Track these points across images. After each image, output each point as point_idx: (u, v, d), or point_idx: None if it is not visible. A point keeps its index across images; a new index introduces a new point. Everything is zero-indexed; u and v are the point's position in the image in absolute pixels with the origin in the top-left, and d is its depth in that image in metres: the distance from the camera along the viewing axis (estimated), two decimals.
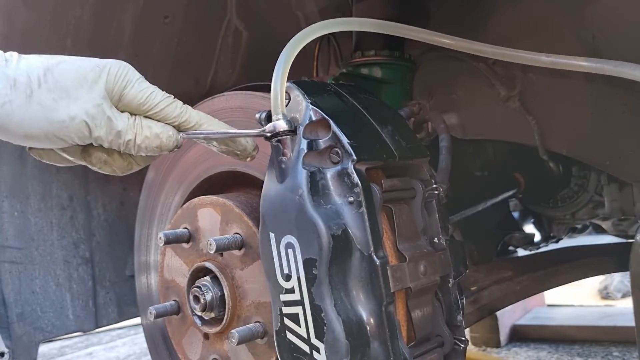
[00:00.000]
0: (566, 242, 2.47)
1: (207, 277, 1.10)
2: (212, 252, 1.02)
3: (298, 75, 1.56)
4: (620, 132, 1.38)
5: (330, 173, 0.87)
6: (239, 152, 0.94)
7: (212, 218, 1.12)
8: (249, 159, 0.96)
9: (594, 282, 4.23)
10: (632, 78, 0.88)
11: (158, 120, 0.86)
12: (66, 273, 1.75)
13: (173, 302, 1.19)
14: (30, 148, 0.87)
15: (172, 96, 0.89)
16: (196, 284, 1.10)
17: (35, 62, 0.81)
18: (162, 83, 1.82)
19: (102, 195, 1.84)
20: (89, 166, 0.90)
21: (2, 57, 0.81)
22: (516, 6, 1.44)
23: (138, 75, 0.86)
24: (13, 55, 0.81)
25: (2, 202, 1.61)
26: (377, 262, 0.84)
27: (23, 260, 1.66)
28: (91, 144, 0.85)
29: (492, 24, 1.49)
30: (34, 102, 0.79)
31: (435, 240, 0.98)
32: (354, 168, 0.86)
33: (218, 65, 1.90)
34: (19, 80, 0.79)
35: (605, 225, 2.40)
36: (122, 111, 0.84)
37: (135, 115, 0.85)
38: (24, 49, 1.54)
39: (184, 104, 0.90)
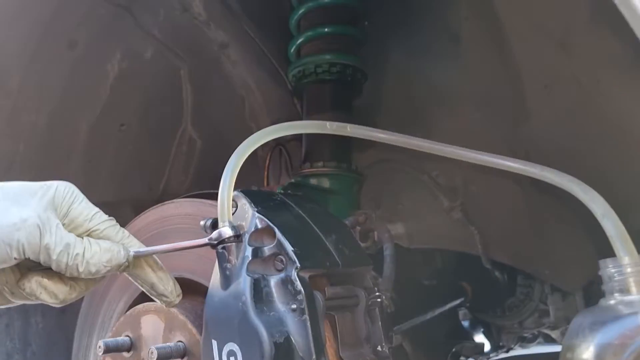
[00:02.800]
0: (516, 352, 2.47)
1: None
2: None
3: (250, 184, 1.60)
4: (556, 242, 1.44)
5: (274, 280, 0.88)
6: (163, 298, 0.92)
7: (155, 325, 1.10)
8: (172, 303, 0.93)
9: None
10: (555, 184, 0.94)
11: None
12: None
13: None
14: None
15: (114, 219, 0.89)
16: None
17: None
18: (115, 188, 1.85)
19: (41, 303, 1.78)
20: (25, 300, 0.86)
21: None
22: (455, 116, 1.54)
23: (83, 195, 0.87)
24: None
25: None
26: None
27: None
28: (28, 269, 0.83)
29: (434, 137, 1.59)
30: None
31: (379, 348, 0.99)
32: (297, 275, 0.87)
33: (171, 172, 1.93)
34: None
35: (554, 334, 2.42)
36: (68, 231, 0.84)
37: (81, 236, 0.85)
38: None
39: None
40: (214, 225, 0.92)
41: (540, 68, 1.35)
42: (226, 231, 0.89)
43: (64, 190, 0.85)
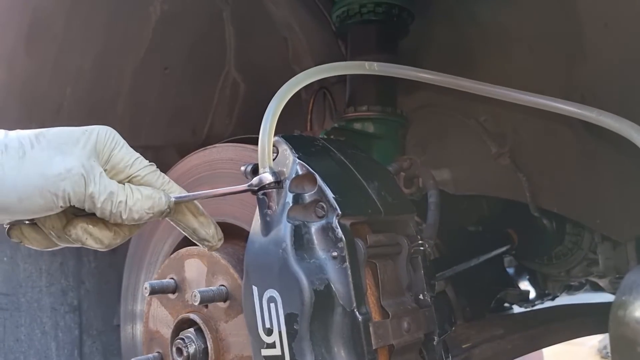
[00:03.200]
0: (563, 300, 2.44)
1: (191, 329, 1.09)
2: (196, 303, 1.01)
3: (293, 128, 1.59)
4: (609, 190, 1.39)
5: (314, 227, 0.87)
6: (205, 243, 0.93)
7: (198, 269, 1.12)
8: (214, 247, 0.95)
9: (593, 341, 4.17)
10: (612, 129, 0.89)
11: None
12: (53, 321, 1.73)
13: (156, 354, 1.17)
14: (10, 229, 0.86)
15: (155, 165, 0.90)
16: (180, 336, 1.09)
17: (25, 132, 0.82)
18: (160, 132, 1.87)
19: None
20: (70, 244, 0.88)
21: None
22: (506, 58, 1.47)
23: (123, 141, 0.88)
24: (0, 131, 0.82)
25: None
26: (360, 318, 0.83)
27: (9, 307, 1.64)
28: (74, 214, 0.85)
29: (484, 80, 1.53)
30: (28, 161, 0.79)
31: (420, 296, 0.98)
32: (338, 223, 0.86)
33: (215, 116, 1.93)
34: (11, 146, 0.79)
35: (602, 283, 2.37)
36: (109, 177, 0.85)
37: (122, 182, 0.86)
38: (24, 97, 1.58)
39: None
40: (255, 170, 0.91)
41: (600, 4, 1.26)
42: (266, 177, 0.88)
43: (105, 136, 0.85)
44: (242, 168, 0.92)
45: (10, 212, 0.80)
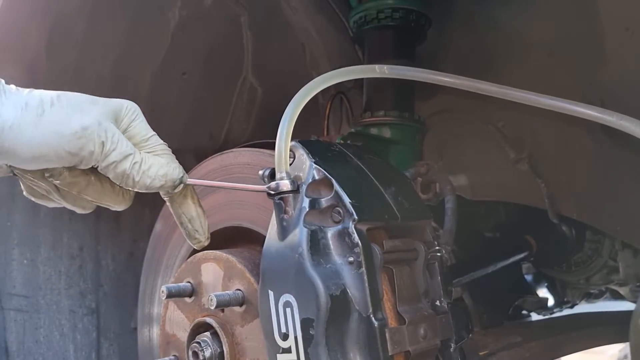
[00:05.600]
0: (582, 308, 2.41)
1: (207, 333, 1.09)
2: (212, 307, 1.02)
3: (310, 133, 1.59)
4: (629, 197, 1.37)
5: (331, 232, 0.87)
6: (196, 235, 0.97)
7: (215, 273, 1.12)
8: (202, 244, 0.98)
9: (613, 350, 4.10)
10: (633, 134, 0.88)
11: None
12: (71, 323, 1.74)
13: (173, 357, 1.17)
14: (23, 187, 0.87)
15: (166, 144, 0.92)
16: (196, 340, 1.09)
17: (48, 92, 0.82)
18: (177, 136, 1.88)
19: (112, 245, 1.86)
20: (74, 204, 0.90)
21: (13, 87, 0.81)
22: (525, 62, 1.46)
23: (144, 118, 0.89)
24: (25, 89, 0.82)
25: (13, 250, 1.63)
26: (376, 324, 0.83)
27: (29, 309, 1.66)
28: (85, 174, 0.86)
29: (501, 79, 1.51)
30: (46, 119, 0.79)
31: (437, 303, 0.97)
32: (355, 228, 0.86)
33: (232, 120, 1.94)
34: (31, 104, 0.79)
35: (622, 291, 2.34)
36: None
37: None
38: None
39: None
40: (272, 175, 0.91)
41: (621, 8, 1.25)
42: (284, 183, 0.88)
43: (128, 106, 0.87)
44: (260, 172, 0.92)
45: (23, 166, 0.81)
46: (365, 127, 1.47)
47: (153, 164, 0.85)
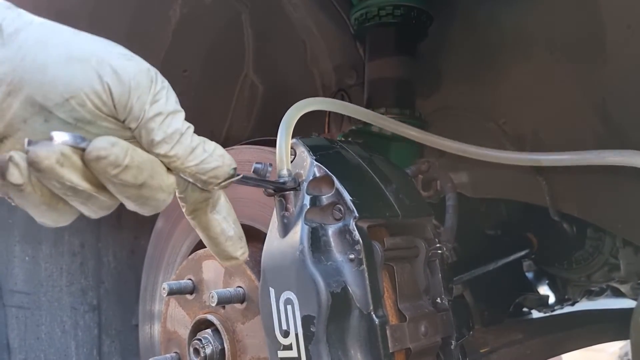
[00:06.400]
0: (583, 305, 2.41)
1: (209, 330, 1.09)
2: (214, 304, 1.02)
3: (311, 130, 1.59)
4: (630, 194, 1.37)
5: (331, 229, 0.87)
6: (233, 253, 0.79)
7: (216, 270, 1.12)
8: (231, 262, 0.81)
9: (614, 348, 4.10)
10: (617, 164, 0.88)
11: None
12: (72, 320, 1.75)
13: (174, 354, 1.18)
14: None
15: None
16: (197, 337, 1.09)
17: None
18: None
19: (113, 242, 1.86)
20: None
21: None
22: (526, 59, 1.46)
23: None
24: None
25: (14, 247, 1.64)
26: (376, 321, 0.83)
27: (30, 306, 1.66)
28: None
29: (504, 83, 1.51)
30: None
31: (438, 300, 0.97)
32: (356, 225, 0.86)
33: (233, 117, 1.94)
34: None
35: (623, 288, 2.34)
36: None
37: None
38: None
39: None
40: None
41: (623, 6, 1.24)
42: (285, 179, 0.88)
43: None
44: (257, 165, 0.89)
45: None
46: (366, 125, 1.47)
47: (214, 146, 0.67)
